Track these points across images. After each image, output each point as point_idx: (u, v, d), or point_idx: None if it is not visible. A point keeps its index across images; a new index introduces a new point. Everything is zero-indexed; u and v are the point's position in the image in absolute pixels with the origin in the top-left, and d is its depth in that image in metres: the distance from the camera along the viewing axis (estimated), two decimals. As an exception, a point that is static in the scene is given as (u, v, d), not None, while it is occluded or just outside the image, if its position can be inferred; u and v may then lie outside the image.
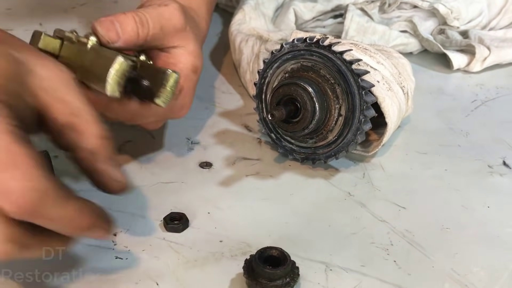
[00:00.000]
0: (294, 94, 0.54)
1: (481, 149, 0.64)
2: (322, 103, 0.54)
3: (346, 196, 0.56)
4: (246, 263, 0.45)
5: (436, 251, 0.49)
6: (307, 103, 0.54)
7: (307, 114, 0.54)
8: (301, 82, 0.54)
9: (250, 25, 0.76)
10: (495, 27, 0.86)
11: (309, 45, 0.55)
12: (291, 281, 0.44)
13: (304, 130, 0.55)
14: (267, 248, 0.45)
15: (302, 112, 0.54)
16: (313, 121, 0.54)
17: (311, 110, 0.54)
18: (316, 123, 0.55)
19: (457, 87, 0.78)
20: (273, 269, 0.43)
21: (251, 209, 0.53)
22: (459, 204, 0.55)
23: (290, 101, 0.55)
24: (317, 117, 0.54)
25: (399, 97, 0.60)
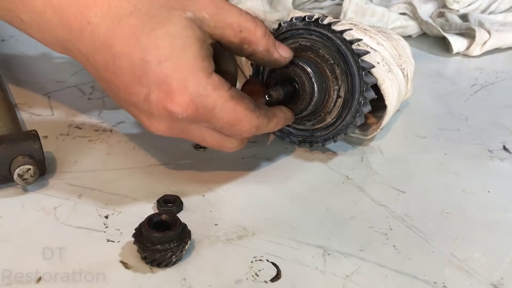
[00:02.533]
0: (292, 74, 0.53)
1: (480, 134, 0.63)
2: (320, 85, 0.53)
3: (344, 179, 0.55)
4: (136, 230, 0.44)
5: (436, 236, 0.48)
6: (306, 84, 0.52)
7: (305, 96, 0.53)
8: (300, 62, 0.53)
9: (246, 5, 0.74)
10: (495, 10, 0.84)
11: (308, 24, 0.54)
12: (180, 245, 0.43)
13: (302, 112, 0.54)
14: (157, 214, 0.45)
15: (300, 94, 0.53)
16: (312, 102, 0.53)
17: (309, 91, 0.53)
18: (314, 105, 0.53)
19: (456, 71, 0.77)
20: (158, 232, 0.43)
21: (247, 192, 0.52)
22: (459, 188, 0.54)
23: (288, 81, 0.53)
24: (316, 98, 0.53)
25: (399, 80, 0.59)
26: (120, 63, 0.44)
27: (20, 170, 0.48)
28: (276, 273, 0.44)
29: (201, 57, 0.44)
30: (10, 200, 0.49)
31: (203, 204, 0.50)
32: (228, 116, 0.46)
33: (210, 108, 0.45)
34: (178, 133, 0.47)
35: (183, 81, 0.44)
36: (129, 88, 0.45)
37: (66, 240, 0.46)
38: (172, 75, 0.43)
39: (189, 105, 0.44)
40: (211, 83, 0.45)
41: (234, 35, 0.47)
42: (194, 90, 0.44)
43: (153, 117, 0.46)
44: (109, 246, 0.45)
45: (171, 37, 0.43)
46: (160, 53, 0.43)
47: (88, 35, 0.44)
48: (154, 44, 0.43)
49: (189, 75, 0.44)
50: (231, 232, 0.47)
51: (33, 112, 0.61)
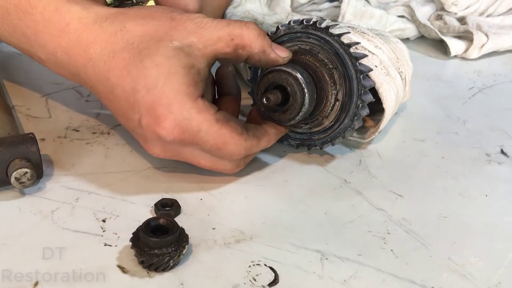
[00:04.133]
0: (284, 82, 0.52)
1: (478, 137, 0.63)
2: (312, 95, 0.52)
3: (342, 183, 0.55)
4: (133, 234, 0.44)
5: (434, 240, 0.48)
6: (297, 93, 0.51)
7: (296, 105, 0.52)
8: (292, 69, 0.51)
9: (245, 8, 0.74)
10: (492, 13, 0.84)
11: (306, 27, 0.54)
12: (178, 249, 0.43)
13: (291, 120, 0.53)
14: (155, 218, 0.45)
15: (290, 102, 0.52)
16: (300, 112, 0.52)
17: (300, 101, 0.52)
18: (303, 114, 0.53)
19: (454, 74, 0.77)
20: (155, 237, 0.43)
21: (245, 195, 0.52)
22: (456, 192, 0.54)
23: (278, 88, 0.52)
24: (305, 109, 0.52)
25: (397, 83, 0.59)
26: (116, 92, 0.48)
27: (17, 173, 0.48)
28: (274, 277, 0.44)
29: (186, 83, 0.47)
30: (7, 204, 0.49)
31: (200, 207, 0.50)
32: (214, 139, 0.48)
33: (195, 131, 0.47)
34: (173, 155, 0.50)
35: (168, 106, 0.47)
36: (126, 114, 0.49)
37: (63, 244, 0.45)
38: (158, 101, 0.47)
39: (174, 128, 0.47)
40: (195, 107, 0.47)
41: (227, 45, 0.49)
42: (178, 114, 0.47)
43: (147, 141, 0.49)
44: (107, 250, 0.45)
45: (157, 66, 0.47)
46: (148, 81, 0.47)
47: (91, 70, 0.49)
48: (143, 74, 0.47)
49: (174, 101, 0.47)
50: (229, 236, 0.47)
51: (30, 114, 0.61)
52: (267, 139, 0.53)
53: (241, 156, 0.50)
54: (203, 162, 0.51)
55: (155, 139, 0.48)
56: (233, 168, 0.52)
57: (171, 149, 0.49)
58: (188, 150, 0.49)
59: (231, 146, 0.49)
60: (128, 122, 0.49)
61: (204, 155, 0.50)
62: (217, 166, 0.51)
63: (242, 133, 0.50)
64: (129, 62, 0.47)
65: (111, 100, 0.49)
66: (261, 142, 0.52)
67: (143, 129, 0.48)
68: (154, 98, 0.47)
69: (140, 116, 0.47)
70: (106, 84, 0.48)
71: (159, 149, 0.49)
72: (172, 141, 0.48)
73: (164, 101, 0.47)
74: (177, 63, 0.47)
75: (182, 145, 0.49)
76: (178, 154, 0.50)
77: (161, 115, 0.47)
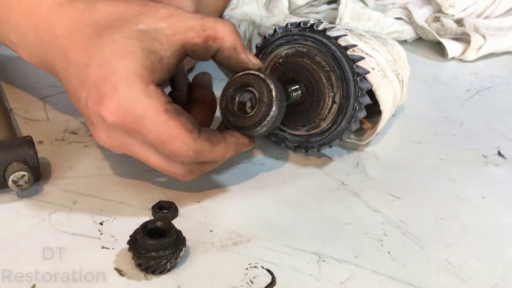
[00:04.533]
0: (251, 82, 0.49)
1: (476, 139, 0.63)
2: (281, 100, 0.49)
3: (339, 185, 0.55)
4: (131, 237, 0.44)
5: (431, 242, 0.48)
6: (264, 93, 0.48)
7: (262, 107, 0.48)
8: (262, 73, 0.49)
9: (242, 10, 0.74)
10: (490, 15, 0.85)
11: (303, 29, 0.54)
12: (175, 252, 0.43)
13: (256, 126, 0.49)
14: (152, 220, 0.45)
15: (257, 103, 0.49)
16: (268, 117, 0.48)
17: (267, 103, 0.48)
18: (270, 120, 0.48)
19: (451, 75, 0.77)
20: (152, 240, 0.43)
21: (242, 198, 0.52)
22: (454, 194, 0.54)
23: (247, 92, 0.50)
24: (273, 113, 0.48)
25: (394, 85, 0.59)
26: (71, 70, 0.46)
27: (14, 176, 0.48)
28: (271, 280, 0.44)
29: (141, 65, 0.44)
30: (5, 207, 0.49)
31: (198, 210, 0.50)
32: (158, 129, 0.44)
33: (139, 116, 0.44)
34: (119, 146, 0.47)
35: (116, 84, 0.44)
36: (77, 93, 0.46)
37: (61, 246, 0.45)
38: (107, 78, 0.44)
39: (117, 109, 0.44)
40: (145, 91, 0.44)
41: (198, 35, 0.47)
42: (124, 94, 0.44)
43: (93, 125, 0.46)
44: (104, 253, 0.45)
45: (115, 44, 0.45)
46: (102, 57, 0.44)
47: (54, 49, 0.47)
48: (99, 49, 0.45)
49: (123, 79, 0.44)
50: (226, 238, 0.47)
51: (28, 117, 0.61)
52: (224, 147, 0.48)
53: (190, 158, 0.45)
54: (152, 159, 0.47)
55: (99, 122, 0.45)
56: (185, 174, 0.47)
57: (116, 137, 0.46)
58: (134, 143, 0.46)
59: (177, 143, 0.44)
60: (78, 103, 0.46)
61: (154, 153, 0.46)
62: (167, 167, 0.47)
63: (192, 132, 0.45)
64: (88, 38, 0.45)
65: (68, 80, 0.47)
66: (215, 149, 0.47)
67: (89, 110, 0.45)
68: (104, 74, 0.44)
69: (88, 94, 0.45)
70: (64, 61, 0.46)
71: (105, 135, 0.46)
72: (114, 124, 0.44)
73: (113, 79, 0.44)
74: (137, 44, 0.45)
75: (126, 133, 0.45)
76: (125, 145, 0.46)
77: (106, 93, 0.44)
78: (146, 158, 0.47)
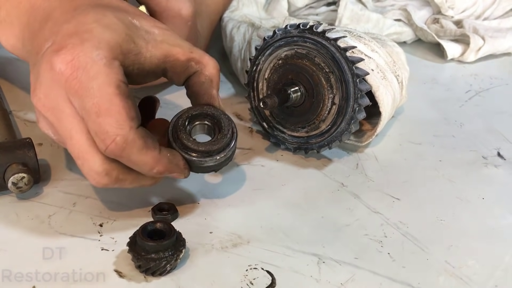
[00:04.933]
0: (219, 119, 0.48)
1: (475, 140, 0.63)
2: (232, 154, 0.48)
3: (339, 186, 0.55)
4: (130, 238, 0.44)
5: (431, 244, 0.48)
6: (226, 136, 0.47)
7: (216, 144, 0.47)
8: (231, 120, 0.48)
9: (242, 12, 0.74)
10: (489, 17, 0.85)
11: (302, 31, 0.54)
12: (175, 253, 0.43)
13: (207, 156, 0.47)
14: (152, 222, 0.45)
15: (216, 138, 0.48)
16: (217, 155, 0.47)
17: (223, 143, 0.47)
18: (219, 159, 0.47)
19: (451, 77, 0.77)
20: (152, 241, 0.43)
21: (242, 199, 0.52)
22: (453, 195, 0.54)
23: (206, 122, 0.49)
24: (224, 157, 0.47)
25: (394, 86, 0.59)
26: (47, 26, 0.45)
27: (14, 178, 0.48)
28: (271, 281, 0.44)
29: (117, 42, 0.44)
30: (4, 209, 0.49)
31: (198, 212, 0.50)
32: (100, 98, 0.42)
33: (88, 77, 0.42)
34: (51, 108, 0.43)
35: (84, 40, 0.43)
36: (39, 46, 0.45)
37: (61, 248, 0.45)
38: (79, 33, 0.43)
39: (71, 62, 0.42)
40: (108, 59, 0.43)
41: (183, 54, 0.48)
42: (87, 51, 0.42)
43: (37, 78, 0.44)
44: (104, 255, 0.45)
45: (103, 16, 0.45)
46: (84, 19, 0.44)
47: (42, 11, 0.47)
48: (86, 15, 0.45)
49: (94, 40, 0.43)
50: (226, 240, 0.47)
51: (28, 119, 0.61)
52: (156, 156, 0.44)
53: (116, 145, 0.42)
54: (75, 138, 0.43)
55: (45, 73, 0.43)
56: (100, 172, 0.43)
57: (53, 97, 0.43)
58: (67, 110, 0.43)
59: (111, 120, 0.41)
60: (35, 56, 0.45)
61: (82, 130, 0.43)
62: (85, 155, 0.43)
63: (132, 119, 0.43)
64: (81, 5, 0.46)
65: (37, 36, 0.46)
66: (146, 152, 0.43)
67: (42, 58, 0.43)
68: (78, 30, 0.43)
69: (52, 44, 0.43)
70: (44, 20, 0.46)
71: (43, 91, 0.43)
72: (60, 75, 0.42)
73: (85, 36, 0.43)
74: (123, 27, 0.45)
75: (66, 93, 0.42)
76: (56, 109, 0.43)
77: (70, 43, 0.42)
78: (70, 135, 0.43)
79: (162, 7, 0.57)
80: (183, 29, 0.59)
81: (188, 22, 0.59)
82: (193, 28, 0.60)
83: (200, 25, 0.66)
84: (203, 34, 0.67)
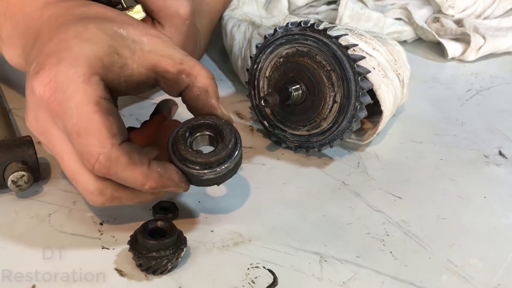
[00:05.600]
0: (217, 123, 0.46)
1: (476, 139, 0.63)
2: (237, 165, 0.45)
3: (340, 185, 0.54)
4: (131, 237, 0.44)
5: (433, 242, 0.48)
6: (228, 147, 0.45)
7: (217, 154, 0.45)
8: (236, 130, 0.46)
9: (242, 11, 0.74)
10: (489, 16, 0.85)
11: (303, 29, 0.54)
12: (176, 252, 0.43)
13: (206, 168, 0.45)
14: (152, 220, 0.45)
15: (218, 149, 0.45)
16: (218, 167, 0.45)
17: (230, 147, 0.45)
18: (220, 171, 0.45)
19: (451, 76, 0.77)
20: (153, 240, 0.43)
21: (243, 198, 0.52)
22: (455, 194, 0.54)
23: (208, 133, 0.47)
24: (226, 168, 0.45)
25: (395, 85, 0.59)
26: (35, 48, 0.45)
27: (14, 176, 0.48)
28: (273, 280, 0.44)
29: (98, 55, 0.42)
30: (4, 207, 0.49)
31: (199, 210, 0.50)
32: (79, 118, 0.41)
33: (66, 97, 0.41)
34: (42, 131, 0.43)
35: (61, 59, 0.42)
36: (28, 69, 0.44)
37: (61, 247, 0.45)
38: (57, 52, 0.42)
39: (49, 83, 0.41)
40: (86, 76, 0.42)
41: (173, 65, 0.45)
42: (63, 70, 0.41)
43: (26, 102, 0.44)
44: (104, 253, 0.45)
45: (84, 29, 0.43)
46: (65, 36, 0.43)
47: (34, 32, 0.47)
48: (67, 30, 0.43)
49: (71, 58, 0.42)
50: (227, 238, 0.47)
51: (27, 117, 0.61)
52: (144, 172, 0.42)
53: (100, 165, 0.41)
54: (66, 159, 0.43)
55: (30, 96, 0.43)
56: (93, 191, 0.42)
57: (41, 120, 0.43)
58: (55, 131, 0.42)
59: (92, 140, 0.40)
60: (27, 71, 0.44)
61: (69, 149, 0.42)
62: (77, 176, 0.43)
63: (114, 137, 0.41)
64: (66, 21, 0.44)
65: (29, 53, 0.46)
66: (132, 168, 0.42)
67: (27, 82, 0.43)
68: (57, 49, 0.42)
69: (35, 65, 0.43)
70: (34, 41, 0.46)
71: (32, 115, 0.43)
72: (40, 98, 0.41)
73: (62, 54, 0.42)
74: (106, 38, 0.43)
75: (50, 115, 0.42)
76: (46, 131, 0.43)
77: (48, 64, 0.41)
78: (61, 157, 0.43)
79: (159, 6, 0.56)
80: (181, 28, 0.58)
81: (186, 20, 0.58)
82: (191, 27, 0.60)
83: (200, 24, 0.65)
84: (203, 33, 0.67)
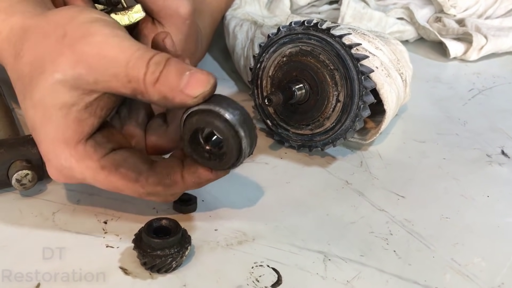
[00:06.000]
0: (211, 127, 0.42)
1: (479, 138, 0.63)
2: (251, 134, 0.42)
3: (343, 184, 0.55)
4: (136, 235, 0.44)
5: (436, 241, 0.48)
6: (229, 140, 0.41)
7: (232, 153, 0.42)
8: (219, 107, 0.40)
9: (244, 10, 0.74)
10: (491, 15, 0.85)
11: (307, 28, 0.54)
12: (180, 250, 0.43)
13: (230, 168, 0.44)
14: (157, 219, 0.45)
15: (225, 150, 0.43)
16: (241, 158, 0.43)
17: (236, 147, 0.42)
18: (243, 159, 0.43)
19: (453, 75, 0.77)
20: (158, 238, 0.43)
21: (246, 197, 0.52)
22: (458, 193, 0.54)
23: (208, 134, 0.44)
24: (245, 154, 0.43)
25: (398, 84, 0.59)
26: None
27: (18, 175, 0.48)
28: (277, 278, 0.44)
29: (62, 128, 0.42)
30: (8, 206, 0.49)
31: (202, 209, 0.50)
32: (104, 185, 0.44)
33: (80, 179, 0.44)
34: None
35: (47, 154, 0.44)
36: None
37: (65, 245, 0.45)
38: (40, 145, 0.44)
39: (59, 175, 0.44)
40: (74, 155, 0.43)
41: (123, 86, 0.41)
42: (57, 163, 0.43)
43: None
44: (109, 252, 0.45)
45: (34, 108, 0.43)
46: (30, 122, 0.44)
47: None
48: (26, 113, 0.44)
49: (50, 149, 0.43)
50: (231, 237, 0.47)
51: (30, 116, 0.61)
52: (181, 187, 0.45)
53: (148, 197, 0.45)
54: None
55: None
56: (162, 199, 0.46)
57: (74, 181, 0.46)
58: None
59: (127, 191, 0.44)
60: None
61: None
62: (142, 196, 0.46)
63: (138, 180, 0.44)
64: (19, 96, 0.44)
65: None
66: (170, 189, 0.44)
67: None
68: (37, 140, 0.44)
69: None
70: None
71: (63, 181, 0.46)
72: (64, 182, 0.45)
73: (43, 148, 0.44)
74: (53, 102, 0.41)
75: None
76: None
77: (45, 159, 0.44)
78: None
79: (159, 6, 0.56)
80: (182, 28, 0.58)
81: (186, 20, 0.58)
82: (192, 26, 0.60)
83: (201, 23, 0.65)
84: (204, 32, 0.67)
